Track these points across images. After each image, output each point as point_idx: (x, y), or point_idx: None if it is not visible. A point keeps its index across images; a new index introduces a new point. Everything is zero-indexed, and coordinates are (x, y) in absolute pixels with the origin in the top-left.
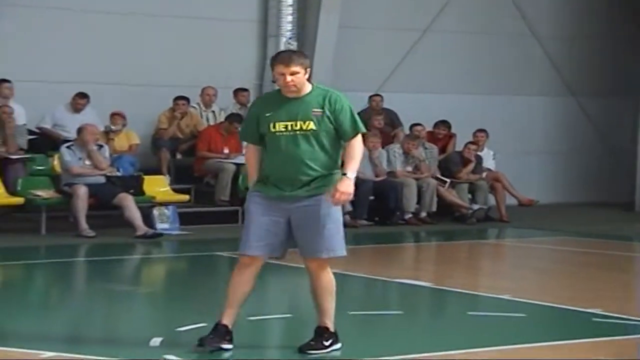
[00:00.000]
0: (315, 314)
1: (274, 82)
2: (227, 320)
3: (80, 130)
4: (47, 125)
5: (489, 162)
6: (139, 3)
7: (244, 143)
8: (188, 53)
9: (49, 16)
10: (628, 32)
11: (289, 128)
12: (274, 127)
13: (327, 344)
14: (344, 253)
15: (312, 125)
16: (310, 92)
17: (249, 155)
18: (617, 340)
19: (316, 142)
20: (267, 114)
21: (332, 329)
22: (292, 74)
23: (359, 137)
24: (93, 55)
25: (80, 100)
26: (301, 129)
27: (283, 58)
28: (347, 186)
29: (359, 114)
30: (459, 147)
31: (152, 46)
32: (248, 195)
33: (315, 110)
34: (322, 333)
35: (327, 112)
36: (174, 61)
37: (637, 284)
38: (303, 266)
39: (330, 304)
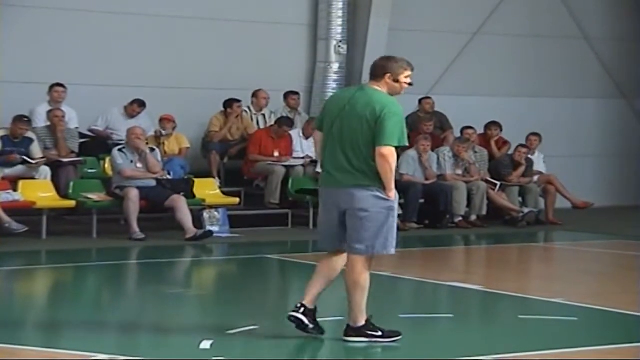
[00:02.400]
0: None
1: (411, 84)
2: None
3: (127, 134)
4: (100, 128)
5: (539, 165)
6: (191, 7)
7: (393, 149)
8: (238, 56)
9: (101, 20)
10: None
11: None
12: None
13: (374, 334)
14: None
15: None
16: None
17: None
18: None
19: None
20: None
21: (360, 323)
22: None
23: None
24: (144, 59)
25: (137, 108)
26: None
27: (410, 63)
28: None
29: (409, 116)
30: (510, 150)
31: (202, 49)
32: (396, 198)
33: None
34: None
35: None
36: (223, 64)
37: None
38: (345, 267)
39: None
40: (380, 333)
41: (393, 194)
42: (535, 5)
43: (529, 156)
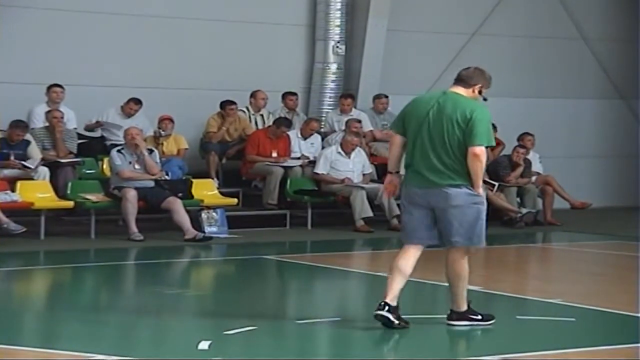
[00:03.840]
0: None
1: (485, 99)
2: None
3: (125, 134)
4: (92, 120)
5: (535, 166)
6: (189, 7)
7: (484, 148)
8: (236, 57)
9: (100, 21)
10: None
11: None
12: None
13: (475, 317)
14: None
15: None
16: None
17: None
18: None
19: None
20: None
21: (463, 309)
22: None
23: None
24: (142, 59)
25: (134, 106)
26: None
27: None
28: None
29: None
30: (507, 150)
31: (200, 50)
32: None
33: None
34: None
35: None
36: (221, 65)
37: None
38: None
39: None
40: (480, 317)
41: (481, 191)
42: (533, 6)
43: (527, 157)
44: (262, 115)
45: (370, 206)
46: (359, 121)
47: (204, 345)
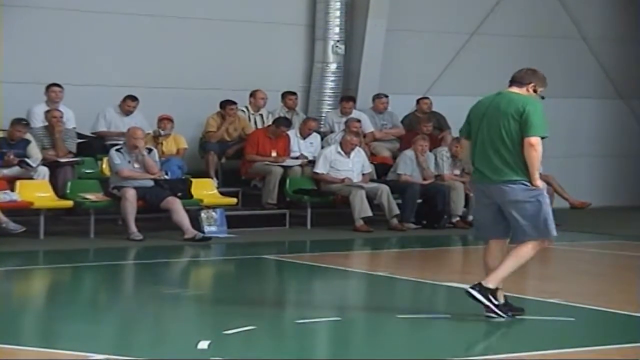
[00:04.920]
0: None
1: (543, 97)
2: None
3: (127, 134)
4: (103, 128)
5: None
6: (188, 6)
7: (539, 139)
8: (235, 56)
9: (99, 20)
10: None
11: None
12: None
13: (493, 301)
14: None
15: None
16: None
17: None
18: None
19: None
20: None
21: (490, 286)
22: None
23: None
24: (141, 58)
25: (131, 103)
26: None
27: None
28: None
29: (407, 116)
30: None
31: (200, 49)
32: (544, 186)
33: None
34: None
35: None
36: (220, 64)
37: None
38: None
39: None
40: (497, 303)
41: (539, 183)
42: (533, 6)
43: None
44: (261, 114)
45: (370, 206)
46: (359, 121)
47: (203, 344)
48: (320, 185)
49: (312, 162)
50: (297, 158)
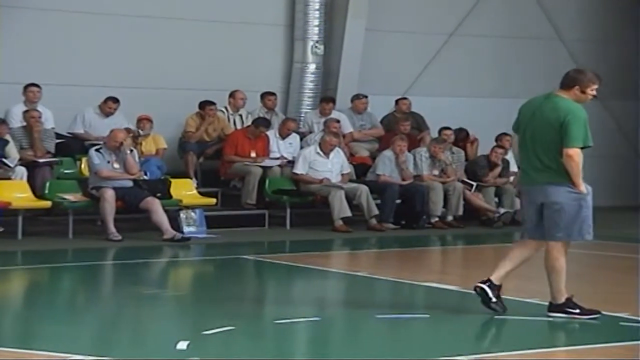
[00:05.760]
0: None
1: (595, 96)
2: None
3: (109, 136)
4: (80, 130)
5: (513, 166)
6: (168, 7)
7: (578, 150)
8: (214, 57)
9: (76, 20)
10: None
11: None
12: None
13: (573, 310)
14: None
15: None
16: None
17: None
18: None
19: None
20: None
21: (560, 301)
22: None
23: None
24: (121, 58)
25: (112, 105)
26: None
27: (599, 76)
28: None
29: (386, 117)
30: (486, 150)
31: (179, 50)
32: (589, 191)
33: None
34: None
35: None
36: (200, 65)
37: None
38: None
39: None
40: (578, 310)
41: (583, 188)
42: (511, 7)
43: (505, 157)
44: (240, 115)
45: (349, 206)
46: (338, 121)
47: (182, 345)
48: (300, 185)
49: (292, 163)
50: (276, 158)
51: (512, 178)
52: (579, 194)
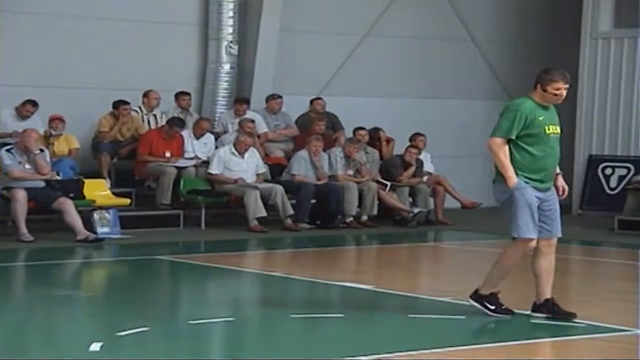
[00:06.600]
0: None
1: (556, 95)
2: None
3: (22, 135)
4: None
5: (427, 166)
6: (80, 5)
7: (498, 139)
8: (128, 56)
9: None
10: (565, 39)
11: (555, 131)
12: (548, 129)
13: (489, 306)
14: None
15: (559, 129)
16: None
17: (504, 150)
18: (555, 341)
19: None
20: (541, 118)
21: (485, 292)
22: (565, 89)
23: None
24: (33, 57)
25: (30, 108)
26: (558, 132)
27: (564, 76)
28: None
29: (300, 117)
30: (400, 150)
31: (93, 48)
32: (520, 185)
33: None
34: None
35: None
36: (114, 64)
37: (577, 286)
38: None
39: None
40: (493, 307)
41: (511, 182)
42: (424, 8)
43: (419, 157)
44: (154, 115)
45: (264, 206)
46: (252, 121)
47: (95, 346)
48: (215, 185)
49: (206, 163)
50: (191, 158)
51: (425, 178)
52: (508, 190)
